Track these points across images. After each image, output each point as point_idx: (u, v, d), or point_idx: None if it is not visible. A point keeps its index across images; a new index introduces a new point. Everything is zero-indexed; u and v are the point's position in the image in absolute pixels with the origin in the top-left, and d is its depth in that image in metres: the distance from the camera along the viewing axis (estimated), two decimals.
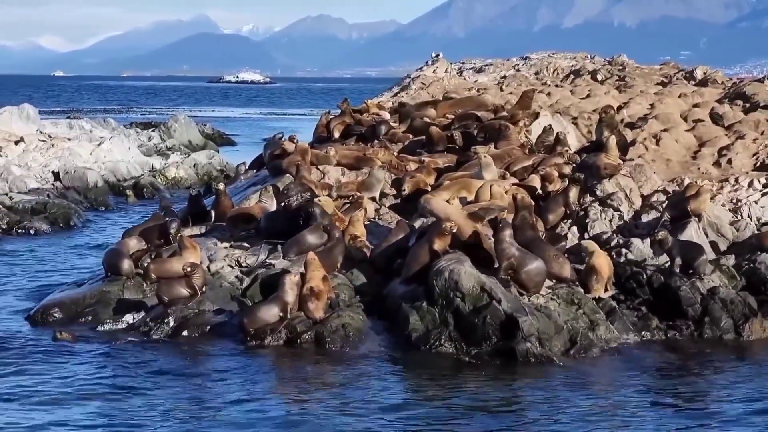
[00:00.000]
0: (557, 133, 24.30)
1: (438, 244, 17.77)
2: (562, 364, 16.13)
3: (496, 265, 17.68)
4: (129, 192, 37.42)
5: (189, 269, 18.08)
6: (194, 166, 42.90)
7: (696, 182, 21.41)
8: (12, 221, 29.34)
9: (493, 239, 17.92)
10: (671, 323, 18.29)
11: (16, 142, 39.32)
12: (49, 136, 41.14)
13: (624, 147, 23.52)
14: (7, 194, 32.32)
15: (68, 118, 60.23)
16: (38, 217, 30.14)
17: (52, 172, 37.42)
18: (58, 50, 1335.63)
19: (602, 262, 18.29)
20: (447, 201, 19.67)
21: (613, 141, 22.05)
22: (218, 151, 53.94)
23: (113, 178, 39.14)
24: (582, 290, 18.15)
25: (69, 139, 41.57)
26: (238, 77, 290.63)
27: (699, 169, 26.44)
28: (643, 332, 18.08)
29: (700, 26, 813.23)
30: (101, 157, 40.47)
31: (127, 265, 19.32)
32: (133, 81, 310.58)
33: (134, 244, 19.96)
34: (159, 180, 40.27)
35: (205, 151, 47.17)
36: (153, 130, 58.17)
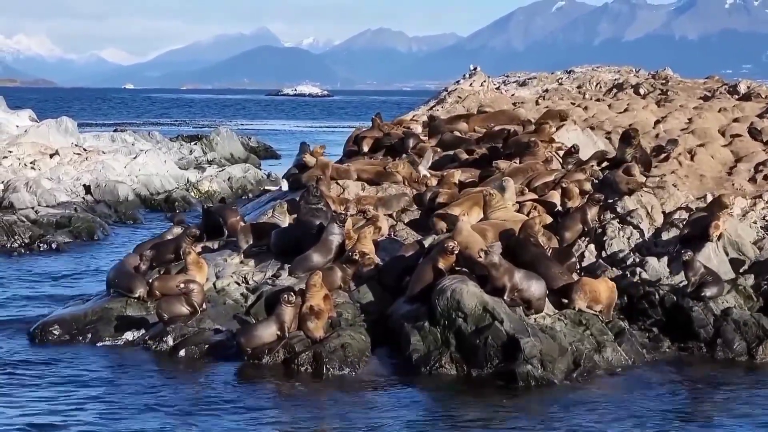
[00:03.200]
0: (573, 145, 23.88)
1: (442, 263, 17.33)
2: (563, 386, 15.62)
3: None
4: (173, 214, 36.99)
5: (183, 286, 17.75)
6: (228, 179, 42.63)
7: (721, 197, 20.42)
8: (35, 235, 29.14)
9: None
10: (683, 345, 17.78)
11: (51, 155, 39.29)
12: (84, 149, 41.05)
13: (647, 163, 22.94)
14: (32, 208, 32.16)
15: (115, 131, 60.19)
16: (62, 231, 29.90)
17: (84, 185, 37.31)
18: (120, 63, 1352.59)
19: (599, 287, 17.75)
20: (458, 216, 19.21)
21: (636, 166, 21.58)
22: (260, 165, 53.84)
23: (146, 192, 38.94)
24: (590, 310, 17.61)
25: (104, 152, 41.46)
26: (296, 90, 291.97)
27: (733, 185, 25.85)
28: (653, 354, 17.56)
29: (763, 39, 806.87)
30: (135, 170, 40.32)
31: (141, 288, 18.95)
32: (192, 94, 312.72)
33: (135, 260, 19.67)
34: (192, 194, 39.97)
35: (240, 165, 46.85)
36: (195, 143, 58.05)
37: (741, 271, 19.33)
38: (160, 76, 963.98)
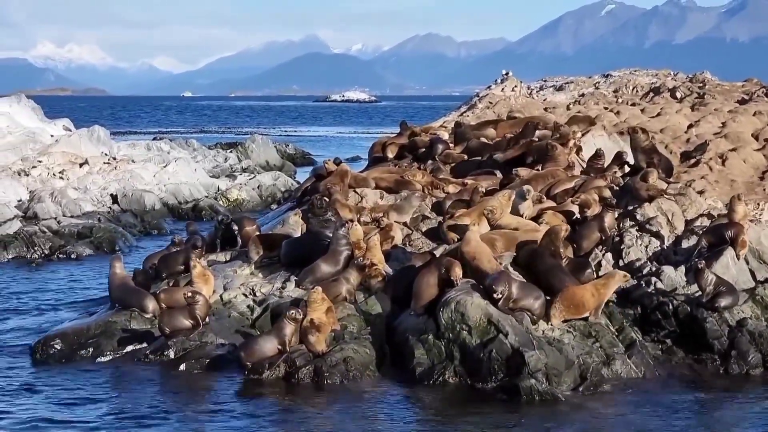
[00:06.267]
0: (619, 152, 23.21)
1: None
2: (568, 401, 15.17)
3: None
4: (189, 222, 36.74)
5: (190, 295, 17.41)
6: (258, 187, 42.30)
7: (733, 203, 19.50)
8: (55, 246, 29.02)
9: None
10: (696, 357, 17.24)
11: (81, 165, 39.17)
12: (114, 159, 40.90)
13: (668, 169, 22.36)
14: (55, 218, 31.96)
15: (154, 139, 60.17)
16: (83, 241, 29.71)
17: (111, 194, 37.14)
18: (171, 71, 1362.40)
19: (583, 293, 17.17)
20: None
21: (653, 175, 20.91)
22: (295, 172, 53.55)
23: (174, 201, 38.70)
24: (602, 321, 17.19)
25: (133, 161, 41.29)
26: (343, 96, 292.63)
27: (765, 190, 25.31)
28: (665, 367, 17.04)
29: None
30: (164, 179, 40.10)
31: (152, 305, 18.56)
32: (240, 101, 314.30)
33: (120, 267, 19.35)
34: (220, 202, 39.69)
35: (271, 172, 46.46)
36: (231, 151, 57.86)
37: (761, 279, 18.68)
38: (211, 83, 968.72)
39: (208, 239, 21.48)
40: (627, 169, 22.75)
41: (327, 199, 20.40)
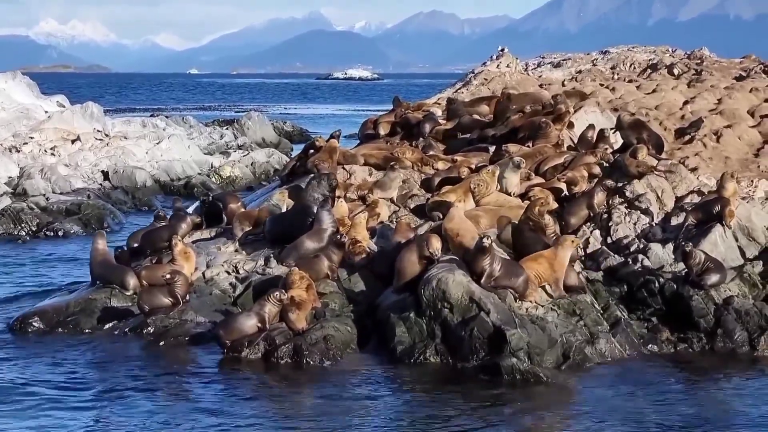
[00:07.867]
0: (602, 130, 22.91)
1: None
2: (549, 381, 14.92)
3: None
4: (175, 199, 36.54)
5: (170, 277, 17.19)
6: (251, 164, 42.08)
7: (723, 180, 19.23)
8: (42, 222, 28.80)
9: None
10: (682, 335, 17.06)
11: (73, 141, 38.92)
12: (106, 135, 40.61)
13: (658, 145, 22.10)
14: (44, 195, 31.75)
15: (151, 116, 59.87)
16: (71, 218, 29.48)
17: (102, 171, 36.90)
18: (174, 48, 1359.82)
19: (537, 267, 16.81)
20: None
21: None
22: (291, 149, 53.29)
23: (166, 178, 38.46)
24: (587, 299, 16.94)
25: (125, 138, 40.99)
26: (346, 74, 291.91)
27: (759, 167, 25.04)
28: (650, 345, 16.89)
29: None
30: (157, 156, 39.87)
31: (133, 282, 18.36)
32: (242, 78, 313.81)
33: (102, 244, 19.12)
34: (213, 179, 39.45)
35: (265, 149, 46.27)
36: (227, 128, 57.59)
37: (750, 257, 18.47)
38: (214, 60, 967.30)
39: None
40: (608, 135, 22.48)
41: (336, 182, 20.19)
